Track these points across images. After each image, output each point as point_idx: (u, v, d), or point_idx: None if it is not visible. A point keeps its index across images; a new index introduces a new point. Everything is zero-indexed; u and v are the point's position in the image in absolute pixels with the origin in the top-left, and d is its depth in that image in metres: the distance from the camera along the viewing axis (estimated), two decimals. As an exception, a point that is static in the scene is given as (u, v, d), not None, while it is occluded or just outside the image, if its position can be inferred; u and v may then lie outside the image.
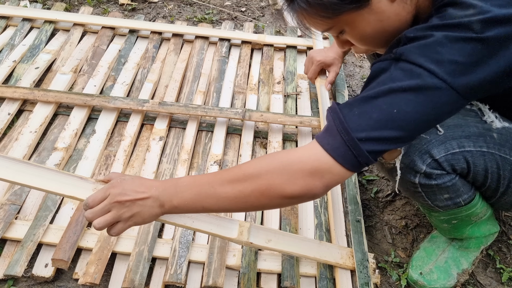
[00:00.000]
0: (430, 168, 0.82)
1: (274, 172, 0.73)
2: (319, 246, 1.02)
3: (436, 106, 0.67)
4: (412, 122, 0.67)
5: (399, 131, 0.68)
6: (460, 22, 0.66)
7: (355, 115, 0.69)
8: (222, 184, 0.75)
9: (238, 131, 1.33)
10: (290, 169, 0.72)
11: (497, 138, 0.82)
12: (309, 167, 0.71)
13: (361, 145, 0.68)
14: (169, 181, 0.80)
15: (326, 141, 0.71)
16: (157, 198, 0.77)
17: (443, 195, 0.88)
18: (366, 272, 0.98)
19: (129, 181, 0.80)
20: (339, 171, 0.71)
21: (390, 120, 0.67)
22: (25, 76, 1.42)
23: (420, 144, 0.82)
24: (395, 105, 0.67)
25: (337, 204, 1.16)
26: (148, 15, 1.85)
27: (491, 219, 1.03)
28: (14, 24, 1.64)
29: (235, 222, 0.96)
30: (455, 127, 0.82)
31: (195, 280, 0.99)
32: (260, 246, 0.97)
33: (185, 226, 0.89)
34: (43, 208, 1.08)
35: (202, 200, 0.77)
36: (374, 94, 0.69)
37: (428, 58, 0.66)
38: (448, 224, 0.98)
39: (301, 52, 1.68)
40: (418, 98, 0.66)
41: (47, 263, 0.99)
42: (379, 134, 0.68)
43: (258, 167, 0.74)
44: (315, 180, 0.71)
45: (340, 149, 0.69)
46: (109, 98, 1.33)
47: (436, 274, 1.03)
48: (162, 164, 1.22)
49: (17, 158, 0.88)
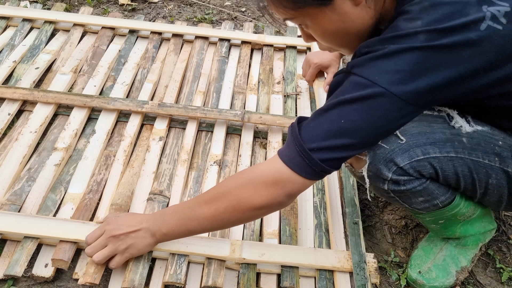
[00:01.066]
0: (396, 175, 0.83)
1: (242, 187, 0.81)
2: (315, 252, 1.02)
3: (382, 113, 0.71)
4: (360, 130, 0.72)
5: (349, 139, 0.73)
6: (408, 32, 0.69)
7: (310, 127, 0.76)
8: (200, 206, 0.85)
9: (238, 131, 1.33)
10: (255, 182, 0.80)
11: (467, 142, 0.82)
12: (271, 178, 0.78)
13: (312, 154, 0.74)
14: (158, 212, 0.93)
15: (284, 154, 0.78)
16: (148, 229, 0.89)
17: (418, 198, 0.89)
18: (363, 274, 0.98)
19: (122, 218, 0.92)
20: (298, 180, 0.77)
21: (338, 130, 0.73)
22: (25, 76, 1.42)
23: (384, 153, 0.83)
24: (343, 115, 0.72)
25: (336, 205, 1.16)
26: (148, 15, 1.85)
27: (486, 216, 1.03)
28: (14, 25, 1.64)
29: (226, 241, 1.01)
30: (418, 134, 0.83)
31: (194, 280, 0.99)
32: (254, 261, 0.99)
33: (180, 251, 0.98)
34: (43, 208, 1.08)
35: (186, 224, 0.87)
36: (326, 107, 0.75)
37: (373, 70, 0.71)
38: (436, 224, 0.98)
39: (301, 52, 1.68)
40: (363, 107, 0.71)
41: (47, 263, 0.99)
42: (329, 143, 0.73)
43: (229, 185, 0.83)
44: (277, 190, 0.78)
45: (295, 160, 0.76)
46: (109, 99, 1.33)
47: (435, 272, 1.03)
48: (162, 164, 1.22)
49: (28, 214, 1.02)
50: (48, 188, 1.13)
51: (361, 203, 1.21)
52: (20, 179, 1.14)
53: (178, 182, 1.17)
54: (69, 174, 1.17)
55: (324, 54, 1.42)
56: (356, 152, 0.77)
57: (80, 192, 1.13)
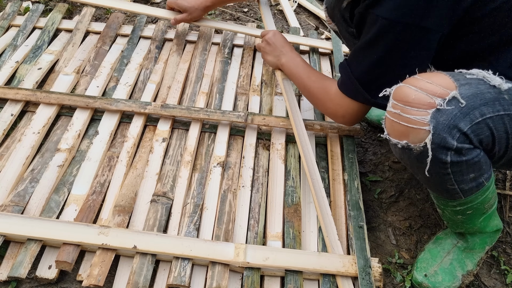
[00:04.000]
0: (460, 142, 0.82)
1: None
2: (319, 257, 1.01)
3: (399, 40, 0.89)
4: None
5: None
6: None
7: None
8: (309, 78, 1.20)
9: (241, 133, 1.33)
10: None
11: (509, 99, 0.83)
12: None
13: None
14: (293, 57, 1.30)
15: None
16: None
17: (470, 175, 0.88)
18: (368, 279, 0.98)
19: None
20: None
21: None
22: (27, 77, 1.42)
23: (447, 120, 0.81)
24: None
25: (340, 208, 1.15)
26: (150, 16, 1.84)
27: (497, 215, 1.04)
28: (17, 25, 1.64)
29: (230, 245, 1.00)
30: (473, 96, 0.82)
31: (198, 282, 0.99)
32: (258, 265, 0.99)
33: (184, 255, 0.98)
34: (46, 209, 1.08)
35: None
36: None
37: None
38: (462, 216, 0.98)
39: (304, 52, 1.68)
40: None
41: (51, 264, 0.99)
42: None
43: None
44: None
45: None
46: (111, 100, 1.33)
47: (441, 276, 1.03)
48: (165, 166, 1.21)
49: (32, 216, 1.02)
50: (51, 190, 1.12)
51: (365, 204, 1.21)
52: (23, 180, 1.13)
53: (181, 183, 1.17)
54: (72, 175, 1.17)
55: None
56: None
57: (84, 194, 1.12)
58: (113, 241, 0.99)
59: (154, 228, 1.05)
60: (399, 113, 0.84)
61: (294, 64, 1.27)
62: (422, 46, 0.91)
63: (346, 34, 1.16)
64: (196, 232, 1.06)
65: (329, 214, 1.09)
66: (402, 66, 0.94)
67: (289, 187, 1.19)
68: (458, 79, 0.84)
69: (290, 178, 1.21)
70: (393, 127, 0.86)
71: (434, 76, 0.84)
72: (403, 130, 0.84)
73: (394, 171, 1.32)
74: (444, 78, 0.84)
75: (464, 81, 0.83)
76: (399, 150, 0.89)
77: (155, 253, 0.99)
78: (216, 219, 1.10)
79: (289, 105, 1.30)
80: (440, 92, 0.81)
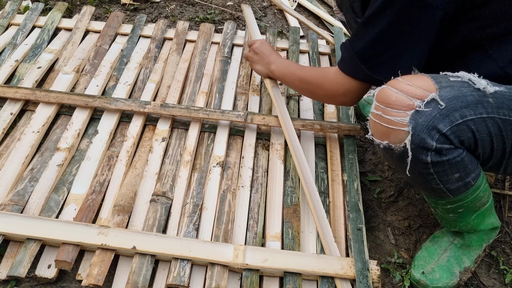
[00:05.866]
0: (439, 143, 0.83)
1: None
2: (318, 259, 1.01)
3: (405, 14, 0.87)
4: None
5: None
6: None
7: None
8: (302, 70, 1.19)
9: (241, 133, 1.33)
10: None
11: (493, 102, 0.84)
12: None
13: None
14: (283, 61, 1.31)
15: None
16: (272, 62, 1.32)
17: (454, 175, 0.89)
18: (366, 282, 0.98)
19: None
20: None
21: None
22: (27, 76, 1.42)
23: (426, 121, 0.82)
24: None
25: (339, 209, 1.15)
26: (150, 15, 1.85)
27: (493, 213, 1.04)
28: (17, 24, 1.64)
29: (229, 246, 1.01)
30: (454, 98, 0.83)
31: (198, 282, 0.99)
32: (256, 267, 0.99)
33: (183, 256, 0.99)
34: (45, 209, 1.08)
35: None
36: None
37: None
38: (454, 214, 0.98)
39: (303, 52, 1.68)
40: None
41: (50, 264, 0.99)
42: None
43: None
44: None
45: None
46: (111, 99, 1.33)
47: (438, 273, 1.03)
48: (165, 165, 1.21)
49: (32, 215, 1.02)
50: (51, 189, 1.13)
51: (364, 203, 1.21)
52: (22, 180, 1.13)
53: (181, 183, 1.17)
54: (72, 175, 1.17)
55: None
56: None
57: (83, 193, 1.12)
58: (113, 242, 0.99)
59: (154, 228, 1.05)
60: (380, 114, 0.86)
61: (285, 65, 1.26)
62: (426, 23, 0.88)
63: (354, 24, 1.15)
64: (195, 232, 1.06)
65: (324, 217, 1.09)
66: (404, 43, 0.92)
67: (288, 187, 1.19)
68: (439, 81, 0.84)
69: (289, 178, 1.22)
70: (375, 127, 0.88)
71: (415, 78, 0.86)
72: (385, 130, 0.86)
73: (393, 171, 1.32)
74: (425, 80, 0.84)
75: (446, 84, 0.84)
76: (382, 150, 0.91)
77: (154, 254, 0.99)
78: (216, 219, 1.10)
79: (279, 111, 1.31)
80: (420, 94, 0.83)
